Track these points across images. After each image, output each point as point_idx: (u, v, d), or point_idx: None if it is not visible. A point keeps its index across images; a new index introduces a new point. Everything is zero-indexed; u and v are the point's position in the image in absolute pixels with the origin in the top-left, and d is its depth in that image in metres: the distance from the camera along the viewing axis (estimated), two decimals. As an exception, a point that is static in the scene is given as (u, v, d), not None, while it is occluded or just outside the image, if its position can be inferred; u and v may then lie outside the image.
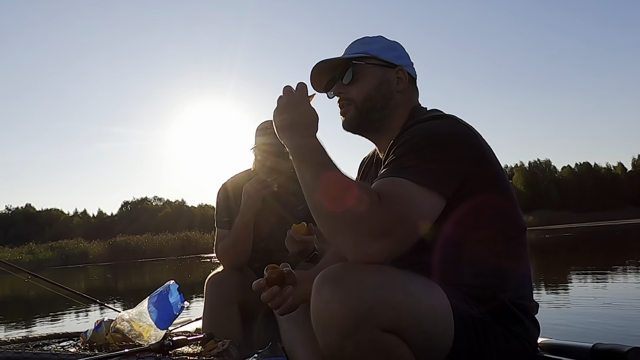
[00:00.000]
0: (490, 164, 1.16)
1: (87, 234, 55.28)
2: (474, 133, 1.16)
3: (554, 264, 9.04)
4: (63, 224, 72.34)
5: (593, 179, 68.94)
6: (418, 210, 1.00)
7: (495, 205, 1.14)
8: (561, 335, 1.35)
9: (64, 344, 1.86)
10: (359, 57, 1.29)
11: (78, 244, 45.80)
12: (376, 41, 1.33)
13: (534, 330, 1.19)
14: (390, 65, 1.30)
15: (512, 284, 1.15)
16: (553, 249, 13.69)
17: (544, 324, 1.25)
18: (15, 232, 66.24)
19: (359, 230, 0.97)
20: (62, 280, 17.80)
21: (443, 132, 1.11)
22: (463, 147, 1.10)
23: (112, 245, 43.78)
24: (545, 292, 5.03)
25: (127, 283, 12.83)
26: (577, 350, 1.20)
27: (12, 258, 40.09)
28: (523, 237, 1.21)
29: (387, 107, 1.29)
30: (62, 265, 38.64)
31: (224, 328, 1.87)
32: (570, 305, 4.18)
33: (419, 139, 1.10)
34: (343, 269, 0.98)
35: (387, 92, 1.29)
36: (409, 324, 0.96)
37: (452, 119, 1.18)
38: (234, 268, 2.03)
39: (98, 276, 17.40)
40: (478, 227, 1.13)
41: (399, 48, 1.35)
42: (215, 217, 2.13)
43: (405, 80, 1.31)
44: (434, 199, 1.02)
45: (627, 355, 1.06)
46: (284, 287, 1.23)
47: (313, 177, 1.04)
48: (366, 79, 1.28)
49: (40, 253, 42.43)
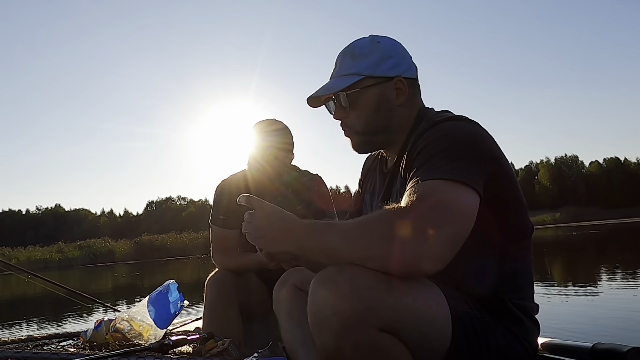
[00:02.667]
0: (503, 164, 1.13)
1: (113, 233, 56.54)
2: (488, 133, 1.14)
3: (581, 262, 8.84)
4: (91, 223, 74.23)
5: (622, 174, 67.31)
6: (458, 200, 0.97)
7: (505, 205, 1.13)
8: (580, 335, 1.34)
9: (63, 343, 1.86)
10: (352, 85, 1.21)
11: (105, 243, 46.82)
12: (367, 52, 1.23)
13: (534, 330, 1.18)
14: (387, 79, 1.22)
15: (513, 285, 1.14)
16: (580, 246, 13.40)
17: (553, 323, 1.21)
18: (45, 231, 68.24)
19: (404, 236, 0.91)
20: (89, 278, 18.05)
21: (462, 133, 1.09)
22: (481, 147, 1.09)
23: (138, 244, 44.64)
24: (571, 291, 4.90)
25: (152, 281, 13.00)
26: (577, 350, 1.19)
27: (43, 257, 41.33)
28: (528, 239, 1.19)
29: (390, 126, 1.24)
30: (90, 263, 39.54)
31: (224, 327, 1.86)
32: (595, 303, 4.07)
33: (442, 140, 1.07)
34: (338, 270, 0.96)
35: (388, 111, 1.23)
36: (405, 324, 0.95)
37: (467, 120, 1.15)
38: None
39: (124, 274, 17.69)
40: (483, 227, 1.09)
41: (394, 52, 1.25)
42: (211, 213, 2.14)
43: (406, 89, 1.23)
44: (470, 194, 0.99)
45: (627, 355, 1.05)
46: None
47: (332, 240, 0.98)
48: (363, 104, 1.22)
49: (69, 252, 43.53)
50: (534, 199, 66.10)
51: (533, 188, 70.23)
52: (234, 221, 2.01)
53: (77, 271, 26.40)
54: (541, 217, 51.38)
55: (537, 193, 68.51)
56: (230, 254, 2.04)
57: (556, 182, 67.59)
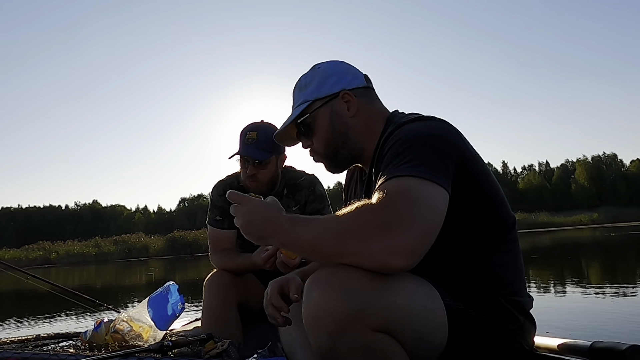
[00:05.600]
0: (474, 161, 1.14)
1: (147, 229, 57.84)
2: (456, 131, 1.16)
3: (619, 264, 8.50)
4: (126, 219, 76.17)
5: (665, 173, 64.48)
6: (426, 196, 0.97)
7: (482, 201, 1.14)
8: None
9: (63, 344, 1.86)
10: (302, 113, 1.28)
11: (139, 238, 47.84)
12: (309, 80, 1.29)
13: (530, 326, 1.19)
14: (334, 96, 1.26)
15: (504, 280, 1.15)
16: (618, 248, 12.91)
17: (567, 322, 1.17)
18: (83, 226, 70.51)
19: (373, 232, 0.92)
20: (126, 272, 18.45)
21: (427, 132, 1.10)
22: (447, 145, 1.09)
23: (171, 239, 45.37)
24: (607, 292, 4.70)
25: (185, 276, 13.19)
26: (576, 348, 1.19)
27: (80, 251, 42.59)
28: (513, 232, 1.20)
29: (349, 139, 1.27)
30: (125, 258, 40.50)
31: (223, 328, 1.86)
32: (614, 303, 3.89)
33: (407, 139, 1.09)
34: (333, 270, 0.98)
35: (341, 124, 1.26)
36: (400, 324, 0.96)
37: (433, 119, 1.17)
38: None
39: (159, 268, 18.03)
40: (466, 224, 1.12)
41: (333, 70, 1.28)
42: (207, 214, 2.16)
43: (354, 100, 1.26)
44: (436, 190, 1.00)
45: (626, 353, 1.05)
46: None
47: (310, 236, 1.00)
48: (318, 126, 1.27)
49: (105, 247, 44.66)
50: (570, 198, 64.24)
51: (569, 187, 68.22)
52: (230, 222, 2.01)
53: (112, 265, 27.14)
54: (578, 217, 49.70)
55: (573, 192, 66.47)
56: (228, 254, 2.05)
57: (594, 182, 65.39)
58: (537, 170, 75.53)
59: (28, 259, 39.85)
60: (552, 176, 72.63)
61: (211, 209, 2.14)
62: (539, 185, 69.83)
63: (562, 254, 11.82)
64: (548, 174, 74.17)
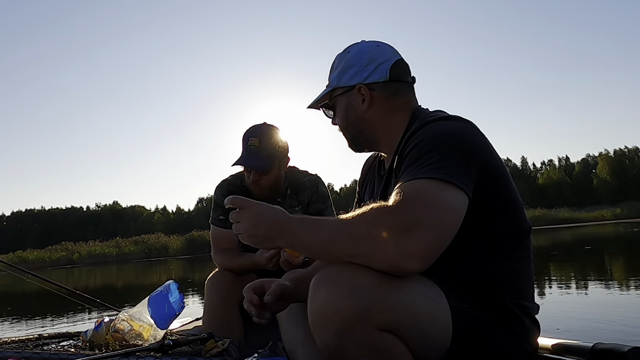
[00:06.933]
0: (497, 167, 1.13)
1: (166, 229, 58.45)
2: (482, 135, 1.15)
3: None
4: (146, 219, 77.15)
5: (691, 167, 62.86)
6: (445, 200, 0.97)
7: (500, 208, 1.13)
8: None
9: (64, 343, 1.88)
10: (324, 98, 1.33)
11: (159, 238, 48.39)
12: (336, 65, 1.32)
13: (535, 329, 1.19)
14: (350, 88, 1.28)
15: (513, 285, 1.15)
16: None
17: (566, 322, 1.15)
18: (103, 227, 71.70)
19: (389, 234, 0.92)
20: (145, 272, 18.57)
21: (453, 132, 1.10)
22: (471, 147, 1.09)
23: (189, 239, 45.80)
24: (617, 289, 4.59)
25: (203, 275, 13.27)
26: (578, 350, 1.19)
27: (102, 251, 43.29)
28: (527, 239, 1.20)
29: (364, 130, 1.30)
30: (145, 258, 41.02)
31: (224, 327, 1.87)
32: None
33: (431, 140, 1.08)
34: (340, 268, 0.98)
35: (354, 117, 1.30)
36: (405, 324, 0.96)
37: (459, 120, 1.16)
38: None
39: (178, 268, 18.20)
40: (481, 228, 1.11)
41: (356, 61, 1.28)
42: (211, 214, 2.15)
43: (368, 95, 1.27)
44: (457, 194, 1.00)
45: (627, 354, 1.05)
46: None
47: (322, 237, 1.00)
48: (338, 112, 1.32)
49: (125, 247, 45.32)
50: (592, 193, 63.02)
51: (590, 182, 66.91)
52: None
53: (133, 265, 27.49)
54: (600, 213, 48.68)
55: (594, 187, 65.16)
56: (230, 254, 2.05)
57: (616, 176, 63.95)
58: (556, 166, 74.31)
59: (51, 260, 40.70)
60: (572, 171, 71.36)
61: (214, 209, 2.14)
62: (559, 181, 68.66)
63: (581, 251, 11.58)
64: (568, 169, 72.88)
